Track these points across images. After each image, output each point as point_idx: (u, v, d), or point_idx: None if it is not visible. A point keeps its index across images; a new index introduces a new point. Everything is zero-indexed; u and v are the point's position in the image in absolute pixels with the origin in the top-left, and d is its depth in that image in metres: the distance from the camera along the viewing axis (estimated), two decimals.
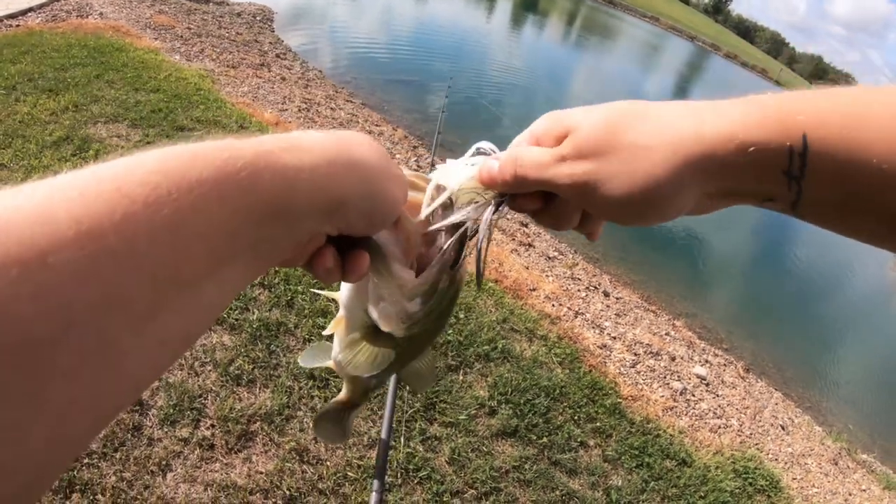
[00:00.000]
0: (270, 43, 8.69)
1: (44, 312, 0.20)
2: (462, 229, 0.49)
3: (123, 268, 0.23)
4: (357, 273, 0.41)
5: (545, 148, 0.44)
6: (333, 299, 0.58)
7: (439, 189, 0.49)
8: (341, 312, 0.56)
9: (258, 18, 9.92)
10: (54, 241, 0.21)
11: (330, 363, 0.64)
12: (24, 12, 6.56)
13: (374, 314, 0.50)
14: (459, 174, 0.49)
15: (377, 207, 0.39)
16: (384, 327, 0.51)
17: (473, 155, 0.50)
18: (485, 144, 0.51)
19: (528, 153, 0.44)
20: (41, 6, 6.89)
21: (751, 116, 0.36)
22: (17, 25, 6.06)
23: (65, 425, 0.22)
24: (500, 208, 0.48)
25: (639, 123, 0.40)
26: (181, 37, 7.17)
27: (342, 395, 0.69)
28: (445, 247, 0.48)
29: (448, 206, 0.49)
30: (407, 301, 0.48)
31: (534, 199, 0.46)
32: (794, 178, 0.35)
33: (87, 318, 0.22)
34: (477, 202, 0.49)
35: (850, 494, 3.74)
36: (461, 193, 0.49)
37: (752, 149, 0.35)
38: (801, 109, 0.35)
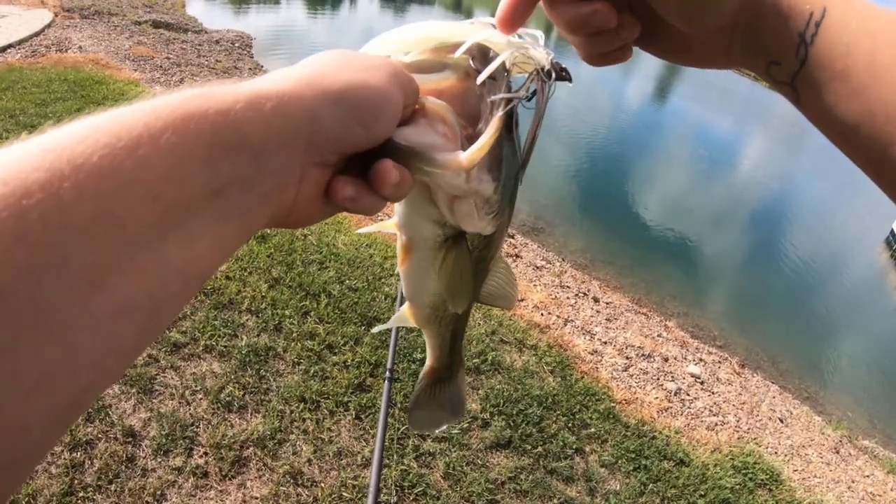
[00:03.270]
0: (250, 69, 8.74)
1: None
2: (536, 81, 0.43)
3: (52, 226, 0.21)
4: (387, 184, 0.36)
5: None
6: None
7: (481, 55, 0.42)
8: (402, 239, 0.49)
9: (237, 45, 10.00)
10: None
11: (407, 315, 0.58)
12: (3, 49, 6.61)
13: (453, 219, 0.44)
14: (507, 41, 0.42)
15: (362, 108, 0.35)
16: (470, 228, 0.45)
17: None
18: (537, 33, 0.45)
19: None
20: (20, 42, 6.94)
21: None
22: None
23: (11, 407, 0.20)
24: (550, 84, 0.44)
25: None
26: (161, 67, 7.21)
27: (427, 362, 0.64)
28: (498, 97, 0.41)
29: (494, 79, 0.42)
30: (476, 183, 0.41)
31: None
32: (804, 41, 0.39)
33: (17, 286, 0.20)
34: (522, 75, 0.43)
35: (853, 481, 3.74)
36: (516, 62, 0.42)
37: (786, 4, 0.40)
38: None
